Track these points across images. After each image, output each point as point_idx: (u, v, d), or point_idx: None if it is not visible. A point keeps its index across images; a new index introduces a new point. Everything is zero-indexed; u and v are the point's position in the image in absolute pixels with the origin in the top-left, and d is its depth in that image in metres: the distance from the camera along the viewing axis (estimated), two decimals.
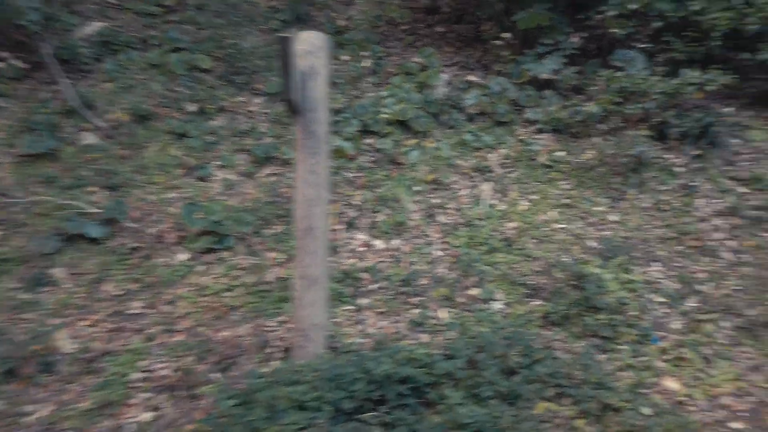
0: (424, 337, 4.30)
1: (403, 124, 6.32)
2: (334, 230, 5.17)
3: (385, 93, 6.59)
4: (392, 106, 6.38)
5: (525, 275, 4.91)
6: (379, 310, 4.53)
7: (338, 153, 5.88)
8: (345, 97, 6.53)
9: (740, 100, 6.58)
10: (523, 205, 5.66)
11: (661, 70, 6.16)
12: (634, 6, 6.09)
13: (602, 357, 4.15)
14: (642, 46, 6.50)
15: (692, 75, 5.87)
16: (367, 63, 7.03)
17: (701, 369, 4.01)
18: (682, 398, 3.80)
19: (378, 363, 3.44)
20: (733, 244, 5.12)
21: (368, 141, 6.16)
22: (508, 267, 4.99)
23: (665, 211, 5.48)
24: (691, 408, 3.72)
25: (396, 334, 4.31)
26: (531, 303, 4.68)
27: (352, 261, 4.94)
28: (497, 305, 4.66)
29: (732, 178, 5.74)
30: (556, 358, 3.98)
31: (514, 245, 5.22)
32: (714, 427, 3.56)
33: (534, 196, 5.75)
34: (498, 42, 6.87)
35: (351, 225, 5.33)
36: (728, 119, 6.22)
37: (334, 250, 4.95)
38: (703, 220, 5.38)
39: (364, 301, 4.60)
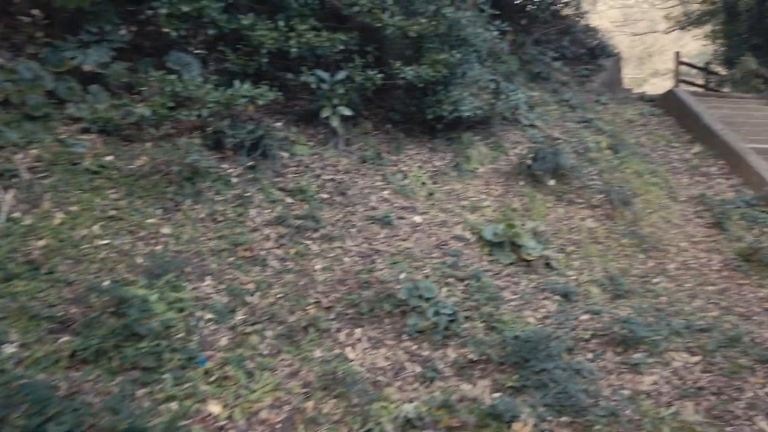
0: None
1: None
2: None
3: None
4: None
5: (52, 306, 4.02)
6: None
7: None
8: None
9: (288, 116, 7.13)
10: (58, 218, 4.72)
11: (215, 79, 6.11)
12: (186, 8, 5.83)
13: (142, 392, 3.66)
14: (198, 52, 6.35)
15: (244, 88, 5.99)
16: None
17: (244, 385, 3.95)
18: (223, 422, 3.65)
19: None
20: (279, 252, 5.37)
21: None
22: (30, 297, 4.01)
23: (220, 221, 5.39)
24: (231, 431, 3.60)
25: None
26: (58, 340, 3.84)
27: None
28: (9, 349, 3.65)
29: (281, 189, 6.09)
30: (82, 407, 3.30)
31: (42, 269, 4.25)
32: None
33: (73, 208, 4.86)
34: (27, 19, 5.64)
35: None
36: (278, 133, 6.63)
37: None
38: (255, 230, 5.50)
39: None
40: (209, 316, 4.42)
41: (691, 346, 5.14)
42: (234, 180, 5.87)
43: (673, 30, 18.42)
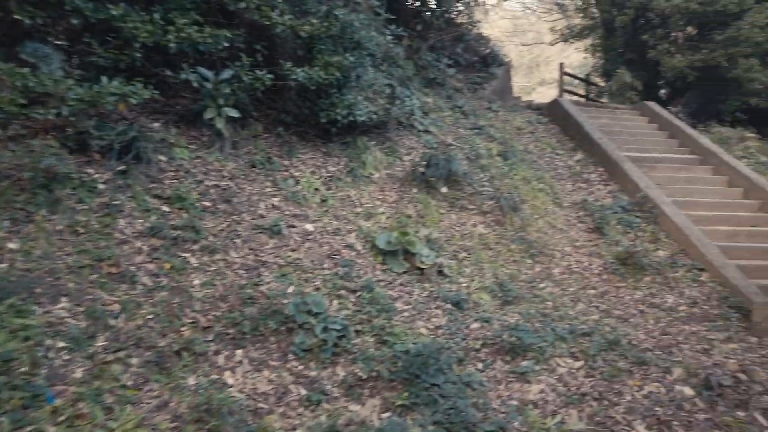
0: None
1: None
2: None
3: None
4: None
5: None
6: None
7: None
8: None
9: (168, 116, 6.58)
10: None
11: (80, 74, 5.47)
12: None
13: None
14: (60, 43, 5.66)
15: (113, 84, 5.40)
16: None
17: (100, 423, 3.47)
18: None
19: None
20: (152, 267, 4.87)
21: None
22: None
23: (82, 234, 4.80)
24: None
25: None
26: None
27: None
28: None
29: (156, 197, 5.56)
30: None
31: None
32: None
33: None
34: None
35: None
36: (155, 135, 6.07)
37: None
38: (124, 242, 4.96)
39: None
40: (62, 344, 3.87)
41: (575, 351, 5.27)
42: (101, 186, 5.27)
43: (558, 42, 19.46)
